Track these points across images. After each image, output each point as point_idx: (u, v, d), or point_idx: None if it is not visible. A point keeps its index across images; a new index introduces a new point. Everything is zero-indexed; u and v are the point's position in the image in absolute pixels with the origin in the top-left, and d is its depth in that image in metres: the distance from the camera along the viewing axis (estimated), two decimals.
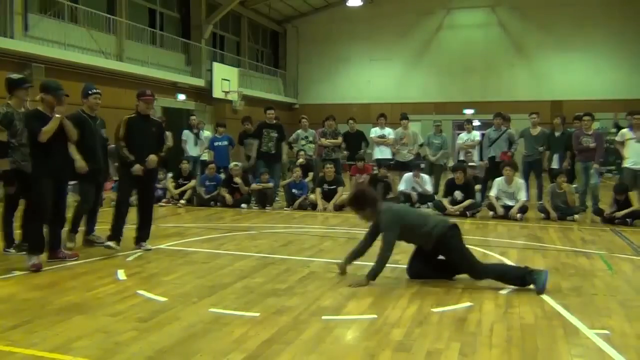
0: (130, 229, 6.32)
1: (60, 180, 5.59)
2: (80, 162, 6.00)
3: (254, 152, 10.91)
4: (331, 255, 6.05)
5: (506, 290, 4.71)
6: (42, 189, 5.33)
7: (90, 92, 6.35)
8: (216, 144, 12.13)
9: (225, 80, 20.30)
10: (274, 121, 10.96)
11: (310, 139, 11.79)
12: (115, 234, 6.13)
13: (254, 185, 10.41)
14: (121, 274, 5.13)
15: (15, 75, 5.75)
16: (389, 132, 11.85)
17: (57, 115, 5.43)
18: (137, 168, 6.11)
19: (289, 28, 27.23)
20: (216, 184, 10.70)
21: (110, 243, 6.07)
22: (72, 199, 9.34)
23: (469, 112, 22.69)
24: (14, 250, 5.96)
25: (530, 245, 6.93)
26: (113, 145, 8.28)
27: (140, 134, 6.19)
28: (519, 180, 9.44)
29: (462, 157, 11.78)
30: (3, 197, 5.96)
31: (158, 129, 6.48)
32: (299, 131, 11.99)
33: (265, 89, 24.63)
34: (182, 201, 10.60)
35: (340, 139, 11.61)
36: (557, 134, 10.63)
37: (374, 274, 4.88)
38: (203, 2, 20.43)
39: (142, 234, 6.39)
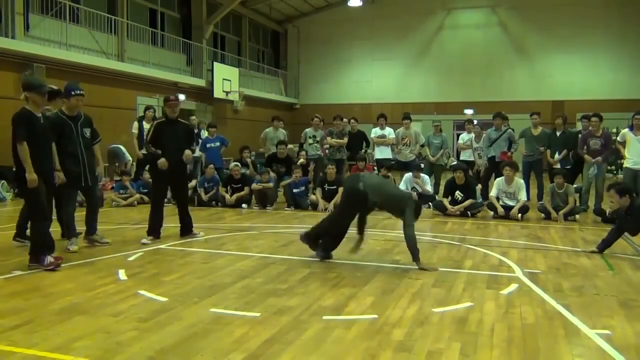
0: (137, 228, 6.30)
1: (49, 182, 5.44)
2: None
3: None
4: None
5: (507, 290, 4.72)
6: (38, 189, 5.21)
7: (73, 92, 6.02)
8: (208, 145, 12.02)
9: (226, 80, 20.33)
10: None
11: (318, 138, 11.81)
12: (152, 230, 6.78)
13: (254, 185, 10.41)
14: (122, 274, 5.13)
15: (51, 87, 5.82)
16: (389, 132, 11.85)
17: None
18: (162, 162, 6.63)
19: (289, 28, 27.24)
20: (214, 185, 10.68)
21: (146, 240, 6.64)
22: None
23: (469, 112, 22.69)
24: (21, 242, 6.10)
25: (531, 245, 6.92)
26: (114, 145, 8.24)
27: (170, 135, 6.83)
28: (519, 180, 9.43)
29: (462, 157, 11.80)
30: None
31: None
32: (307, 130, 12.00)
33: (266, 89, 24.66)
34: None
35: (346, 139, 11.63)
36: (558, 133, 10.63)
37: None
38: (204, 2, 20.45)
39: (185, 226, 7.14)
